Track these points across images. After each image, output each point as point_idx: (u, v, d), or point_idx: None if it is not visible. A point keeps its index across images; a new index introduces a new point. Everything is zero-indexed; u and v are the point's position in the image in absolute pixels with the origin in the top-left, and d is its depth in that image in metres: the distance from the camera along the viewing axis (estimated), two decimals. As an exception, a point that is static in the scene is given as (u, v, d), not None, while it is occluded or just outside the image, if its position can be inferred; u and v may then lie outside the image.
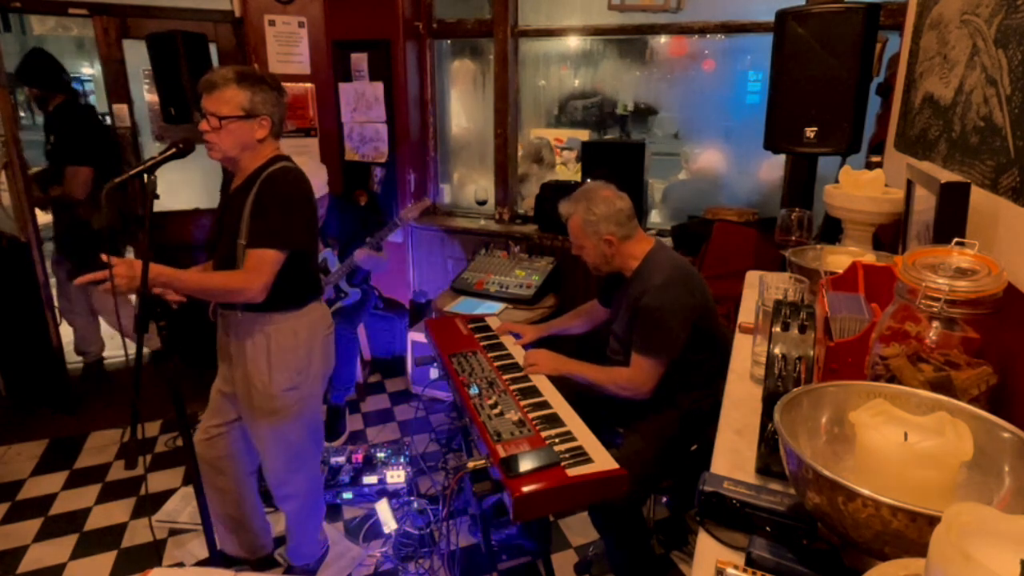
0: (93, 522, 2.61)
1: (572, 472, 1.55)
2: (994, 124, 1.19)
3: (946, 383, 0.92)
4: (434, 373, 3.00)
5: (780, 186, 3.09)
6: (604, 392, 2.03)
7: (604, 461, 1.60)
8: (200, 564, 2.32)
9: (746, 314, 1.76)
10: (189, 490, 2.74)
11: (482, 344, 2.30)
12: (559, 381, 2.05)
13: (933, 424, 0.78)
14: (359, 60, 3.73)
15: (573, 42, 3.68)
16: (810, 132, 2.18)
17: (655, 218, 3.64)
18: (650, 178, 3.36)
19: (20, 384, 3.47)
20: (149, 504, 2.68)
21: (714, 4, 3.16)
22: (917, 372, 0.94)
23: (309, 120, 3.83)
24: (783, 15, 2.19)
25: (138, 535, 2.53)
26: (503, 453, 1.61)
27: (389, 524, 2.51)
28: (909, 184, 1.53)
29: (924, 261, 0.97)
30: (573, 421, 1.79)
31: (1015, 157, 1.09)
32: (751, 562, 0.84)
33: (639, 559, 1.98)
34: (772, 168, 3.22)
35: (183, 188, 3.94)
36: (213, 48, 3.46)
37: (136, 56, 3.61)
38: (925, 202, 1.33)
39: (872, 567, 0.62)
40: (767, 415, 1.02)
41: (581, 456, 1.61)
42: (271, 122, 1.86)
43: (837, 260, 1.56)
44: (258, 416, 1.96)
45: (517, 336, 2.39)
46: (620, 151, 3.27)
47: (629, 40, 3.52)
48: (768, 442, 1.04)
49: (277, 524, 2.37)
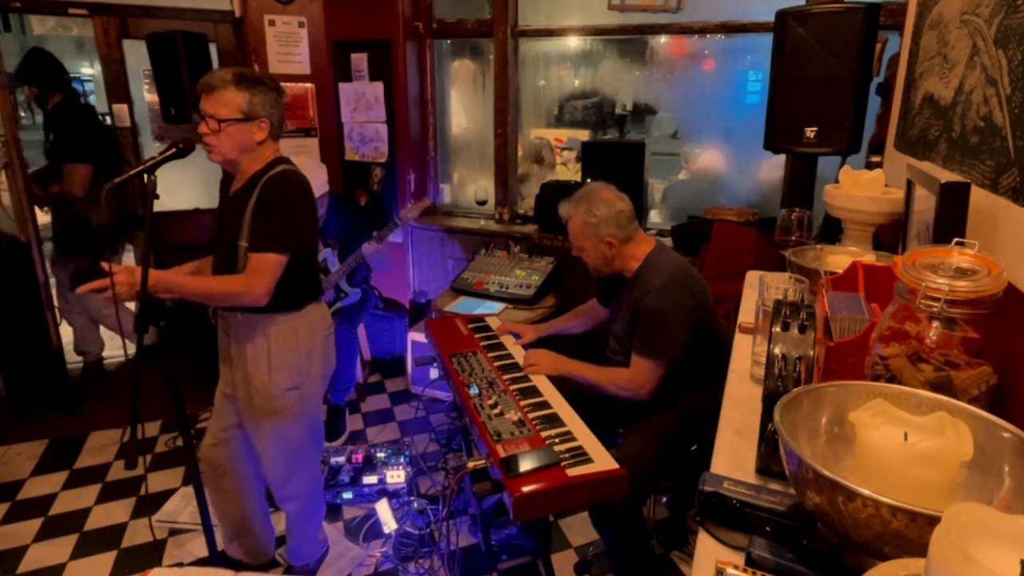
0: (93, 522, 2.61)
1: (572, 472, 1.55)
2: (994, 124, 1.19)
3: (946, 383, 0.92)
4: (434, 373, 3.00)
5: (780, 186, 3.09)
6: (604, 392, 2.03)
7: (604, 461, 1.60)
8: (200, 564, 2.32)
9: (746, 314, 1.76)
10: (189, 490, 2.74)
11: (482, 344, 2.30)
12: (559, 381, 2.05)
13: (933, 424, 0.78)
14: (359, 60, 3.73)
15: (573, 42, 3.68)
16: (810, 132, 2.18)
17: (655, 218, 3.64)
18: (650, 178, 3.36)
19: (20, 384, 3.46)
20: (149, 504, 2.68)
21: (714, 4, 3.16)
22: (917, 372, 0.94)
23: (309, 120, 3.84)
24: (783, 15, 2.19)
25: (138, 535, 2.53)
26: (503, 453, 1.61)
27: (389, 524, 2.51)
28: (909, 184, 1.53)
29: (924, 261, 0.97)
30: (573, 421, 1.79)
31: (1015, 157, 1.09)
32: (751, 562, 0.84)
33: (639, 559, 1.98)
34: (772, 168, 3.22)
35: (183, 188, 3.94)
36: (213, 48, 3.46)
37: (136, 56, 3.61)
38: (925, 202, 1.33)
39: (872, 567, 0.62)
40: (767, 415, 1.02)
41: (581, 456, 1.61)
42: (270, 124, 1.86)
43: (837, 260, 1.56)
44: (258, 416, 1.96)
45: (517, 336, 2.39)
46: (620, 151, 3.27)
47: (629, 40, 3.52)
48: (768, 442, 1.04)
49: (277, 524, 2.37)
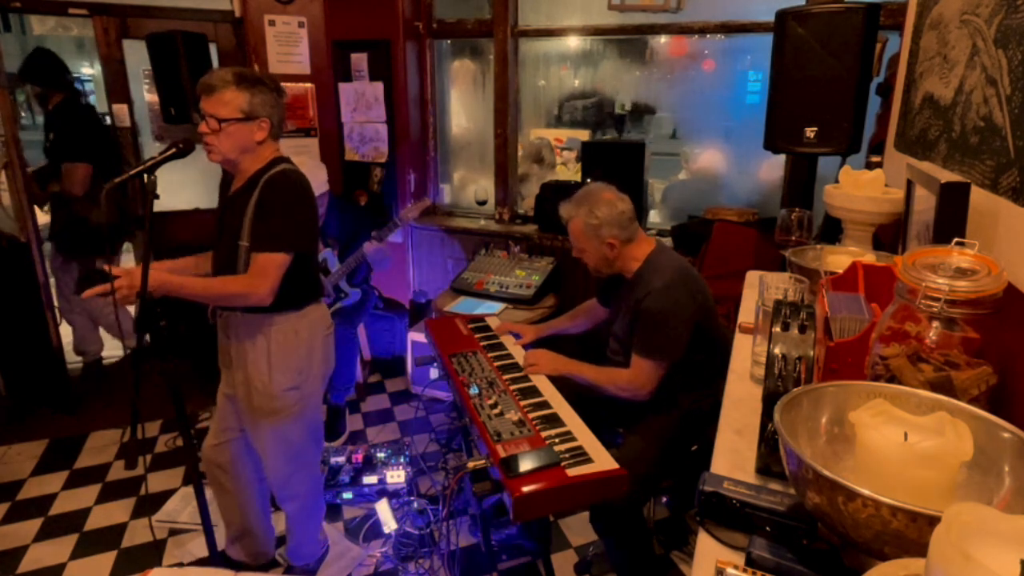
0: (93, 522, 2.61)
1: (572, 472, 1.55)
2: (994, 124, 1.19)
3: (946, 383, 0.92)
4: (434, 373, 3.00)
5: (780, 186, 3.09)
6: (604, 393, 2.03)
7: (604, 461, 1.60)
8: (200, 564, 2.32)
9: (746, 314, 1.76)
10: (189, 490, 2.74)
11: (482, 344, 2.30)
12: (559, 381, 2.05)
13: (933, 424, 0.78)
14: (359, 60, 3.73)
15: (573, 42, 3.68)
16: (810, 132, 2.18)
17: (655, 218, 3.64)
18: (650, 178, 3.36)
19: (20, 384, 3.46)
20: (149, 504, 2.68)
21: (714, 4, 3.15)
22: (917, 372, 0.94)
23: (309, 120, 3.83)
24: (783, 15, 2.19)
25: (138, 535, 2.53)
26: (503, 453, 1.61)
27: (389, 524, 2.51)
28: (909, 184, 1.53)
29: (924, 261, 0.97)
30: (573, 421, 1.79)
31: (1015, 157, 1.09)
32: (751, 562, 0.84)
33: (639, 559, 1.98)
34: (772, 168, 3.22)
35: (183, 188, 3.94)
36: (213, 48, 3.46)
37: (136, 56, 3.61)
38: (925, 202, 1.33)
39: (872, 567, 0.62)
40: (767, 415, 1.02)
41: (581, 456, 1.61)
42: (270, 124, 1.86)
43: (837, 260, 1.56)
44: (258, 416, 1.96)
45: (517, 336, 2.39)
46: (620, 151, 3.27)
47: (629, 40, 3.52)
48: (768, 442, 1.04)
49: (277, 524, 2.37)
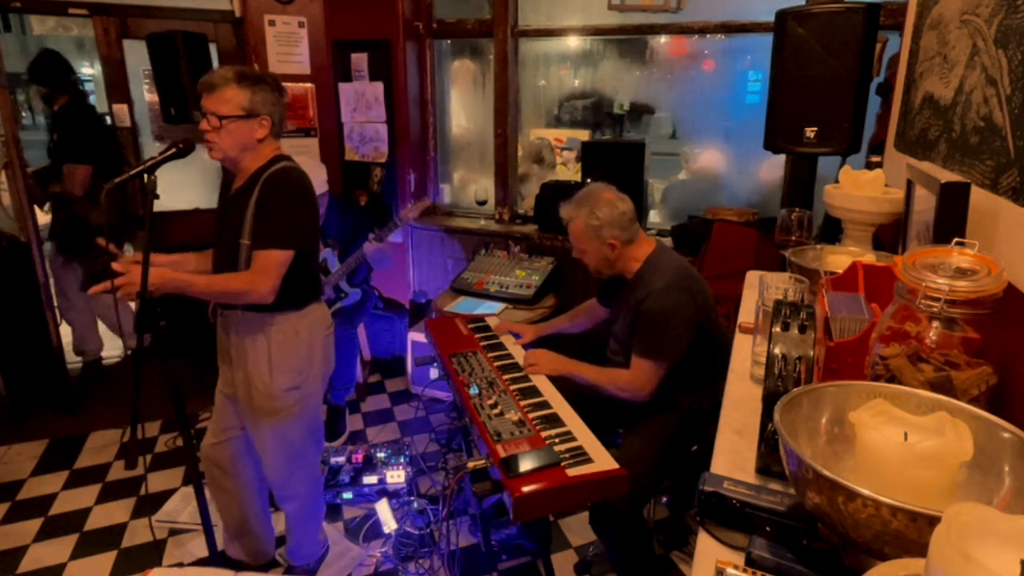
0: (93, 522, 2.61)
1: (572, 472, 1.55)
2: (994, 124, 1.19)
3: (946, 383, 0.92)
4: (434, 373, 3.00)
5: (780, 186, 3.09)
6: (604, 393, 2.03)
7: (604, 461, 1.60)
8: (200, 564, 2.32)
9: (746, 314, 1.76)
10: (189, 490, 2.74)
11: (482, 344, 2.30)
12: (559, 381, 2.04)
13: (933, 424, 0.78)
14: (359, 60, 3.73)
15: (573, 42, 3.68)
16: (810, 132, 2.18)
17: (655, 218, 3.64)
18: (650, 178, 3.36)
19: (20, 384, 3.46)
20: (149, 504, 2.68)
21: (714, 4, 3.15)
22: (917, 372, 0.94)
23: (309, 120, 3.83)
24: (783, 15, 2.19)
25: (138, 535, 2.53)
26: (503, 453, 1.61)
27: (389, 524, 2.51)
28: (909, 184, 1.53)
29: (924, 261, 0.97)
30: (573, 421, 1.79)
31: (1015, 157, 1.09)
32: (751, 562, 0.84)
33: (639, 559, 1.98)
34: (772, 168, 3.22)
35: (183, 188, 3.94)
36: (213, 48, 3.46)
37: (136, 56, 3.61)
38: (925, 202, 1.33)
39: (872, 567, 0.62)
40: (767, 415, 1.02)
41: (581, 456, 1.61)
42: (271, 122, 1.87)
43: (837, 260, 1.56)
44: (259, 416, 1.96)
45: (517, 336, 2.39)
46: (620, 151, 3.27)
47: (629, 40, 3.52)
48: (768, 442, 1.03)
49: (277, 524, 2.37)
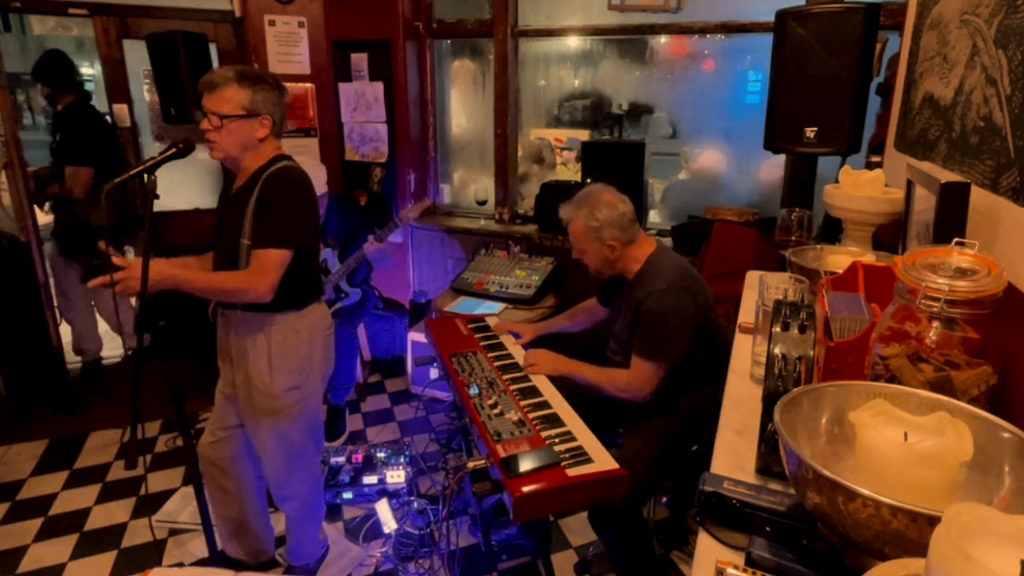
0: (93, 522, 2.61)
1: (572, 472, 1.55)
2: (994, 124, 1.19)
3: (946, 383, 0.92)
4: (434, 373, 3.00)
5: (780, 186, 3.09)
6: (603, 394, 2.03)
7: (604, 461, 1.60)
8: (200, 564, 2.32)
9: (746, 314, 1.76)
10: (189, 490, 2.74)
11: (482, 344, 2.30)
12: (559, 381, 2.04)
13: (933, 424, 0.78)
14: (359, 60, 3.73)
15: (573, 42, 3.68)
16: (810, 132, 2.18)
17: (655, 218, 3.64)
18: (650, 178, 3.36)
19: (20, 384, 3.46)
20: (149, 504, 2.68)
21: (714, 4, 3.15)
22: (917, 372, 0.94)
23: (309, 120, 3.83)
24: (783, 15, 2.19)
25: (138, 535, 2.53)
26: (503, 453, 1.61)
27: (389, 524, 2.51)
28: (909, 184, 1.53)
29: (924, 261, 0.97)
30: (573, 421, 1.79)
31: (1015, 157, 1.09)
32: (751, 562, 0.84)
33: (639, 559, 1.98)
34: (772, 168, 3.22)
35: (183, 188, 3.94)
36: (213, 48, 3.46)
37: (136, 56, 3.61)
38: (925, 202, 1.33)
39: (872, 567, 0.62)
40: (767, 415, 1.02)
41: (581, 456, 1.61)
42: (272, 121, 1.87)
43: (837, 260, 1.56)
44: (259, 416, 1.96)
45: (516, 335, 2.39)
46: (620, 151, 3.27)
47: (629, 40, 3.52)
48: (768, 442, 1.03)
49: (277, 524, 2.37)
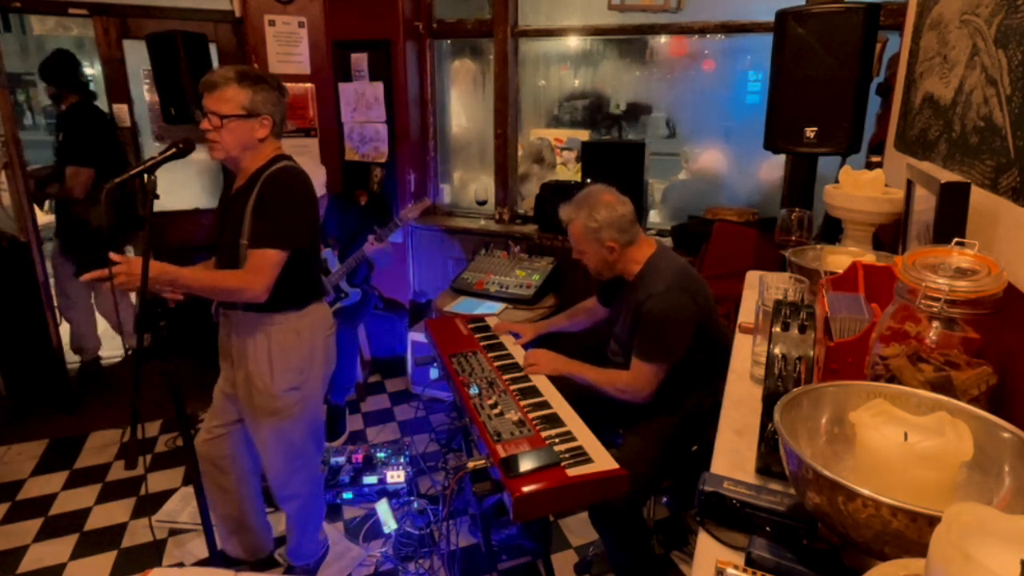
0: (93, 522, 2.61)
1: (572, 472, 1.55)
2: (994, 124, 1.19)
3: (946, 383, 0.92)
4: (434, 373, 3.00)
5: (780, 186, 3.09)
6: (603, 394, 2.03)
7: (604, 461, 1.60)
8: (200, 564, 2.32)
9: (746, 314, 1.76)
10: (189, 490, 2.74)
11: (482, 344, 2.30)
12: (559, 381, 2.04)
13: (933, 424, 0.78)
14: (359, 60, 3.73)
15: (573, 42, 3.68)
16: (810, 132, 2.18)
17: (655, 218, 3.64)
18: (650, 178, 3.36)
19: (20, 384, 3.46)
20: (149, 504, 2.68)
21: (714, 4, 3.15)
22: (917, 372, 0.94)
23: (309, 120, 3.83)
24: (783, 15, 2.19)
25: (138, 535, 2.53)
26: (503, 453, 1.61)
27: (389, 524, 2.51)
28: (909, 184, 1.53)
29: (924, 261, 0.97)
30: (573, 421, 1.79)
31: (1015, 157, 1.09)
32: (751, 562, 0.84)
33: (639, 559, 1.98)
34: (772, 168, 3.22)
35: (183, 188, 3.94)
36: (213, 48, 3.46)
37: (136, 56, 3.61)
38: (925, 202, 1.33)
39: (872, 567, 0.61)
40: (767, 415, 1.02)
41: (581, 456, 1.61)
42: (272, 121, 1.87)
43: (837, 260, 1.56)
44: (259, 416, 1.96)
45: (516, 335, 2.39)
46: (620, 151, 3.26)
47: (629, 40, 3.52)
48: (768, 442, 1.03)
49: (277, 524, 2.37)
